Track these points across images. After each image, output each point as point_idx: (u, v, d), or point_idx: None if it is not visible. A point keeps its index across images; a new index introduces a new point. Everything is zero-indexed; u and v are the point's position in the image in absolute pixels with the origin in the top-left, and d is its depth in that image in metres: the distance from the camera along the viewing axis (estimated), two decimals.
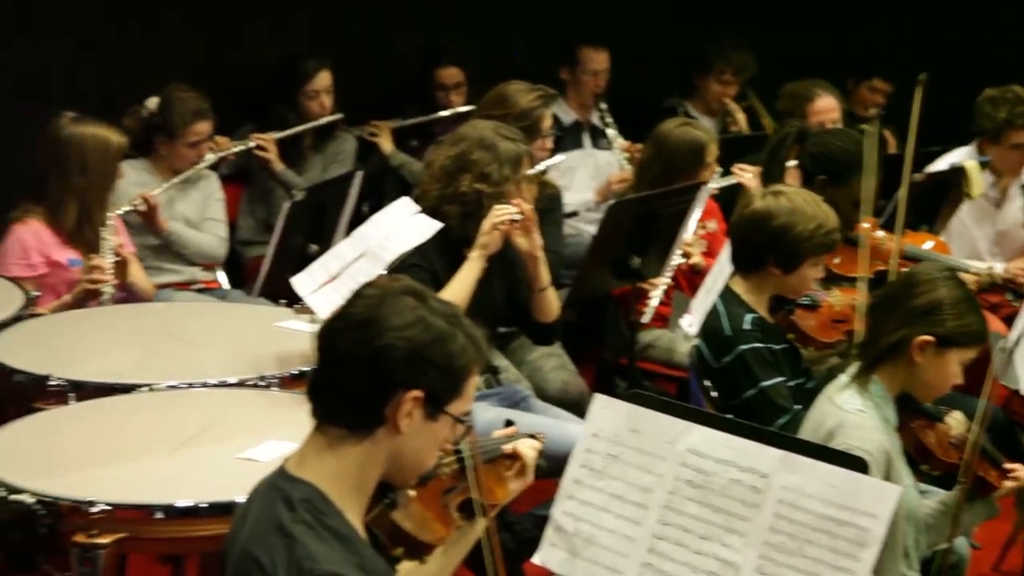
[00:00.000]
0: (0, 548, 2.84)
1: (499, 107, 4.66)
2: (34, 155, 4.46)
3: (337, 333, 2.24)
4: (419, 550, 2.42)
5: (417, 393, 2.22)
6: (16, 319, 3.83)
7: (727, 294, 3.90)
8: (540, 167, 4.49)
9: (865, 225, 4.25)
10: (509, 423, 2.75)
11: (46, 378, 3.41)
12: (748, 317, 3.83)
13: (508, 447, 2.69)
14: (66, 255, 4.42)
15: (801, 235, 3.79)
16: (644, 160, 5.12)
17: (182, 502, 2.88)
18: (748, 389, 3.76)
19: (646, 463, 2.69)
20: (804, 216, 3.80)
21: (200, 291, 5.22)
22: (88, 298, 4.27)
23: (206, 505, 2.88)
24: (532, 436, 2.77)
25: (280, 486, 2.23)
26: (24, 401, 3.38)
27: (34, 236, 4.40)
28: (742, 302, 3.87)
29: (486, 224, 3.94)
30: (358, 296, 2.27)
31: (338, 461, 2.23)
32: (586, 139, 6.23)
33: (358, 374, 2.21)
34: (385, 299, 2.24)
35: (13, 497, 2.84)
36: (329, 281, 3.62)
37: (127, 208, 4.88)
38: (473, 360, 2.28)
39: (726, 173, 5.18)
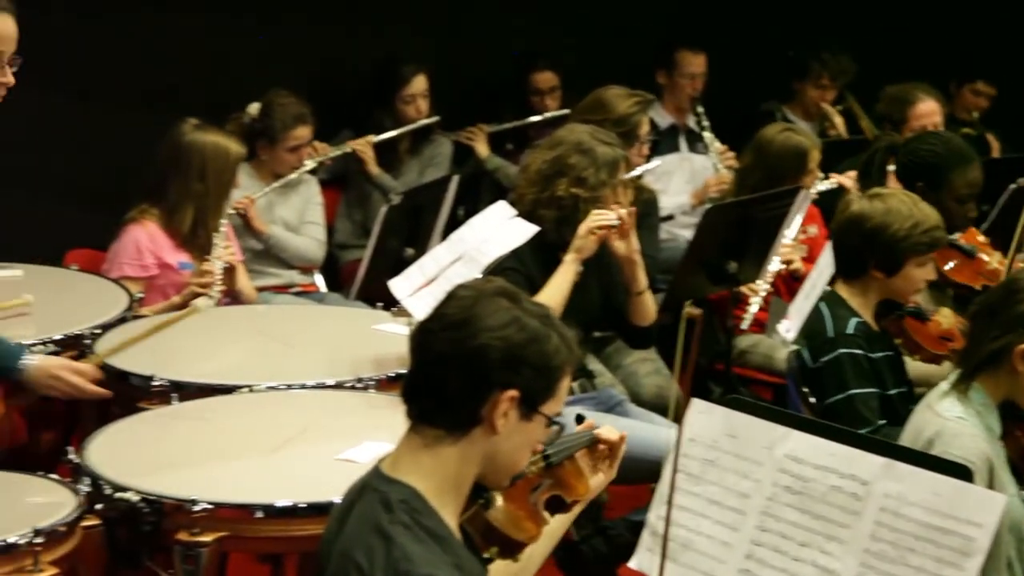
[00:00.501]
0: (107, 545, 2.89)
1: (596, 112, 4.65)
2: (153, 159, 4.54)
3: (432, 334, 2.25)
4: (512, 549, 2.43)
5: (513, 393, 2.23)
6: (121, 320, 3.89)
7: (833, 298, 3.87)
8: (636, 172, 4.48)
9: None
10: (580, 418, 2.73)
11: (150, 379, 3.46)
12: (853, 322, 3.79)
13: (610, 437, 2.67)
14: (178, 258, 4.50)
15: (897, 235, 3.75)
16: (744, 167, 5.09)
17: (281, 502, 2.91)
18: (836, 393, 3.72)
19: (744, 468, 2.68)
20: (899, 216, 3.76)
21: (298, 294, 5.28)
22: (194, 300, 4.33)
23: (305, 505, 2.91)
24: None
25: (377, 487, 2.25)
26: (128, 401, 3.44)
27: (149, 237, 4.48)
28: (848, 307, 3.83)
29: (582, 228, 3.93)
30: (452, 298, 2.29)
31: (435, 462, 2.25)
32: (682, 143, 6.20)
33: (454, 375, 2.22)
34: (479, 300, 2.25)
35: (118, 495, 2.89)
36: (426, 284, 3.64)
37: (230, 211, 4.97)
38: (567, 360, 2.28)
39: (825, 178, 5.13)
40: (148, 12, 5.53)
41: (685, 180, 6.09)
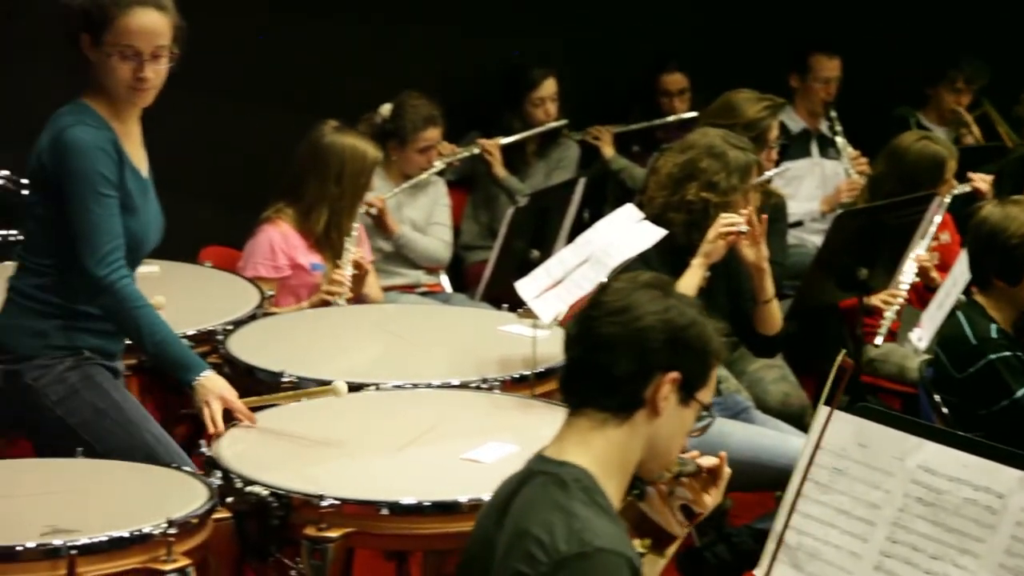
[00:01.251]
0: (237, 537, 2.94)
1: (726, 116, 4.60)
2: (291, 159, 4.61)
3: (595, 320, 2.30)
4: (663, 542, 2.46)
5: (675, 375, 2.28)
6: (251, 317, 3.96)
7: (971, 305, 3.79)
8: (766, 176, 4.43)
9: None
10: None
11: (279, 375, 3.52)
12: (992, 327, 3.71)
13: (704, 463, 2.69)
14: (310, 259, 4.54)
15: (1009, 242, 3.65)
16: (878, 174, 5.01)
17: (407, 500, 2.93)
18: (1001, 399, 3.64)
19: (874, 478, 2.63)
20: (1015, 222, 3.66)
21: (424, 294, 5.33)
22: (322, 307, 4.39)
23: (429, 504, 2.93)
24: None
25: (546, 470, 2.28)
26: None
27: (282, 237, 4.53)
28: (985, 314, 3.75)
29: (711, 233, 3.90)
30: (606, 289, 2.35)
31: (602, 445, 2.29)
32: (814, 148, 6.13)
33: (620, 356, 2.27)
34: (636, 289, 2.32)
35: (248, 489, 2.94)
36: (552, 286, 3.63)
37: (360, 211, 5.03)
38: (720, 348, 2.35)
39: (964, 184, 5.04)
40: (284, 13, 5.63)
41: (815, 185, 6.01)
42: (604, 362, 2.28)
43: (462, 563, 2.36)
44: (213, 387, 3.22)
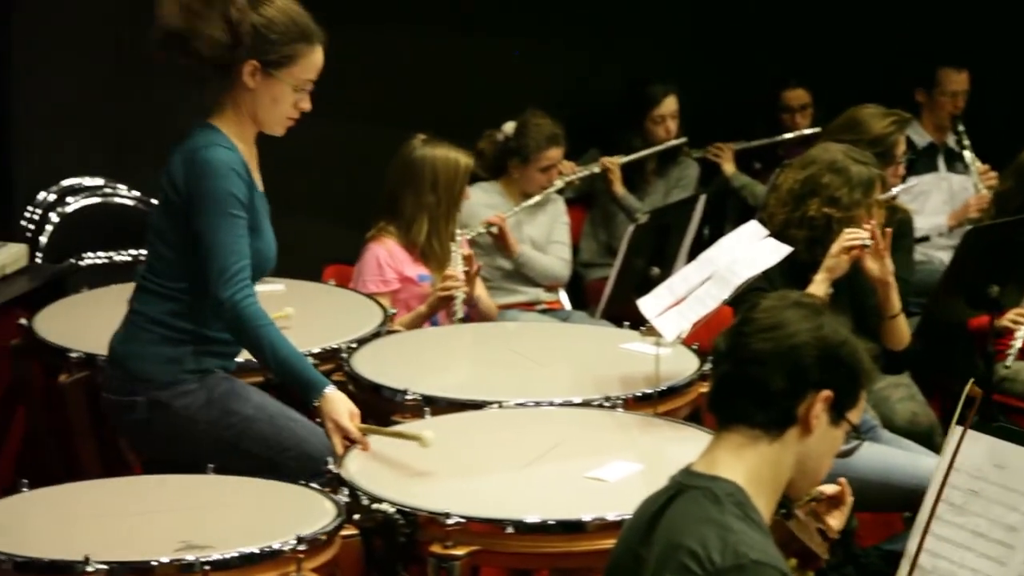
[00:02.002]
0: (364, 554, 2.96)
1: (851, 132, 4.53)
2: (385, 177, 4.67)
3: (746, 336, 2.30)
4: (809, 562, 2.43)
5: (827, 394, 2.27)
6: (375, 335, 4.00)
7: None
8: (892, 192, 4.37)
9: None
10: None
11: (403, 392, 3.54)
12: None
13: (827, 490, 2.66)
14: (417, 271, 4.61)
15: None
16: (1005, 189, 4.91)
17: (531, 518, 2.93)
18: None
19: (1012, 500, 2.57)
20: None
21: (543, 312, 5.33)
22: (441, 306, 4.42)
23: (554, 522, 2.92)
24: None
25: (697, 484, 2.27)
26: (383, 414, 3.52)
27: (388, 253, 4.60)
28: None
29: (835, 247, 3.86)
30: (755, 307, 2.35)
31: (753, 461, 2.28)
32: (941, 162, 6.02)
33: (774, 372, 2.27)
34: (787, 308, 2.32)
35: (375, 506, 2.96)
36: (675, 304, 3.61)
37: (480, 230, 5.08)
38: (871, 369, 2.33)
39: None
40: (406, 33, 5.69)
41: (942, 200, 5.91)
42: (757, 377, 2.27)
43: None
44: (332, 409, 3.24)
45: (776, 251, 3.71)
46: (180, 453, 3.37)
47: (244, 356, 3.45)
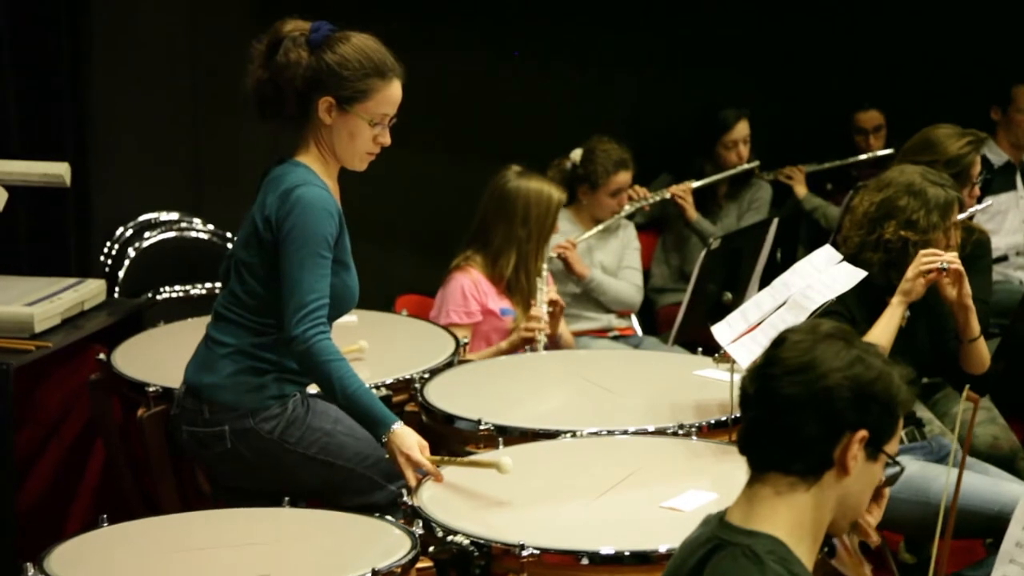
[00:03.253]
0: None
1: (926, 152, 4.47)
2: (476, 206, 4.67)
3: (775, 379, 2.20)
4: None
5: (863, 433, 2.19)
6: (448, 365, 4.00)
7: None
8: (968, 213, 4.30)
9: None
10: None
11: (477, 423, 3.54)
12: None
13: None
14: (500, 304, 4.60)
15: None
16: None
17: (606, 549, 2.91)
18: None
19: None
20: None
21: (615, 338, 5.32)
22: (522, 346, 4.42)
23: (629, 554, 2.91)
24: None
25: (735, 541, 2.20)
26: (456, 444, 3.53)
27: (473, 284, 4.60)
28: None
29: (911, 270, 3.80)
30: (783, 342, 2.23)
31: (791, 510, 2.21)
32: (1018, 181, 5.95)
33: (807, 419, 2.18)
34: (817, 343, 2.21)
35: (450, 538, 2.96)
36: (749, 330, 3.58)
37: (550, 255, 5.07)
38: (908, 398, 2.24)
39: None
40: (479, 62, 5.71)
41: (1020, 219, 5.83)
42: (788, 424, 2.18)
43: None
44: (401, 444, 3.25)
45: (852, 275, 3.67)
46: (262, 479, 3.40)
47: None
